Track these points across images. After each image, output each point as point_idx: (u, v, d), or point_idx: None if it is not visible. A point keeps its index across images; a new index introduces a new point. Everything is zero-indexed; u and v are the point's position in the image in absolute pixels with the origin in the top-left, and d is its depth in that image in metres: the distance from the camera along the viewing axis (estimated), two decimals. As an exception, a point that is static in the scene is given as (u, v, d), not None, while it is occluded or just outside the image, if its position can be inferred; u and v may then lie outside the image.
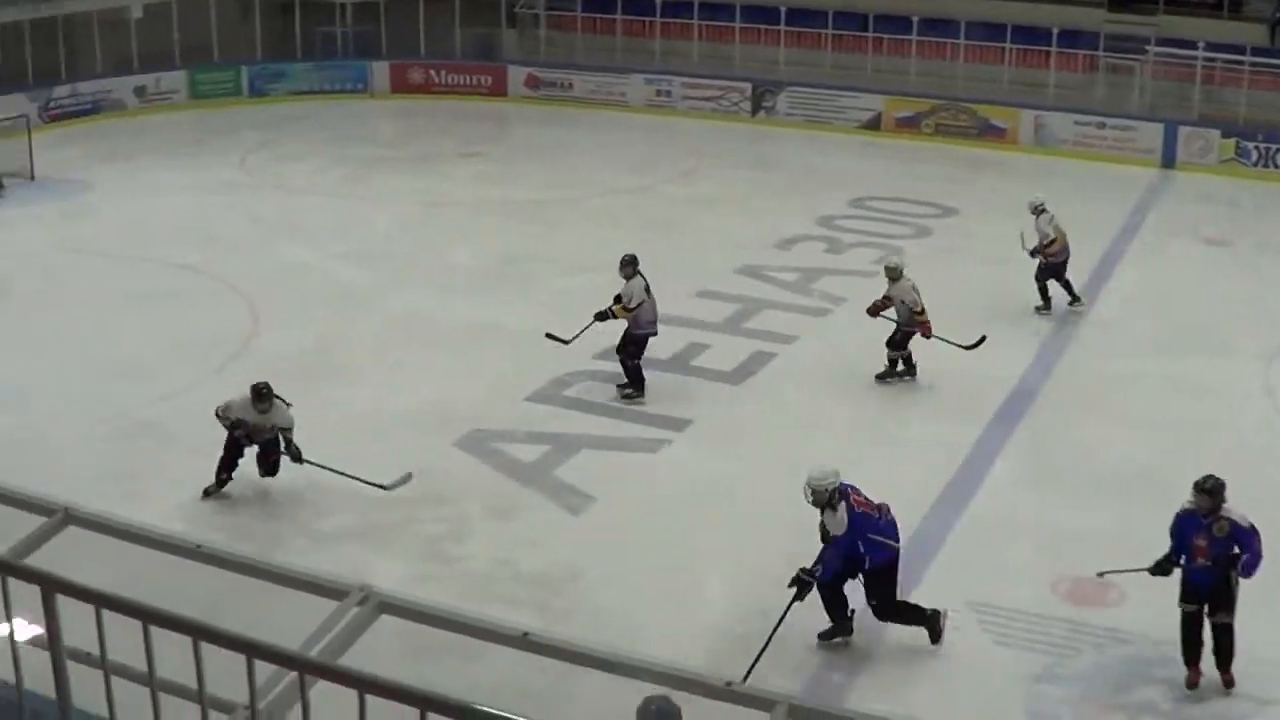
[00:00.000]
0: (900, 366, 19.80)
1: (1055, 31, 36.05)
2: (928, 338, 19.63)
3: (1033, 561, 14.86)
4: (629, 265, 19.00)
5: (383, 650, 5.79)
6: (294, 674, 4.68)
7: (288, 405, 15.99)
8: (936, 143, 35.45)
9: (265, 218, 28.85)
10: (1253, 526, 12.20)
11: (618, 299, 18.94)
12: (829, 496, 12.80)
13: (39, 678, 5.53)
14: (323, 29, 41.89)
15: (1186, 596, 12.46)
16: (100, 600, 4.80)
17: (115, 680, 5.22)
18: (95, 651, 5.37)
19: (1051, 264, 22.48)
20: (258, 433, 16.00)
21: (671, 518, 15.80)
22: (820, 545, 12.97)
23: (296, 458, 15.91)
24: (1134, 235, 27.95)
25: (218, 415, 16.01)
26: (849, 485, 12.97)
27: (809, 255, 25.98)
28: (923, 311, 19.45)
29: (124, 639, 5.05)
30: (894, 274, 19.59)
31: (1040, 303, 22.67)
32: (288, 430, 15.92)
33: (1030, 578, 14.48)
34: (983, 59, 36.74)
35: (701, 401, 19.06)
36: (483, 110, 39.35)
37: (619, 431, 18.04)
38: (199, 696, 4.93)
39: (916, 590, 13.75)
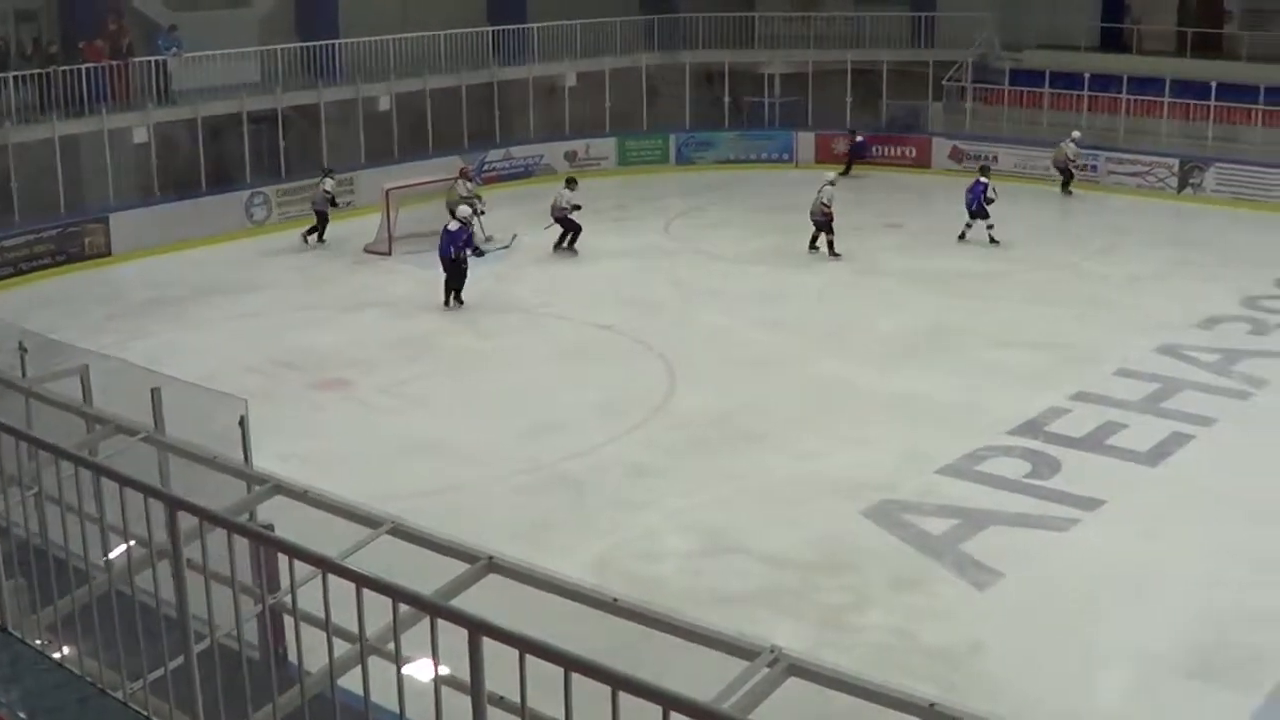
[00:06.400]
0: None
1: None
2: None
3: None
4: None
5: (786, 712, 5.93)
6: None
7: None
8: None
9: (687, 282, 29.64)
10: None
11: None
12: None
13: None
14: (750, 99, 42.73)
15: None
16: (524, 645, 5.03)
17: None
18: (506, 695, 5.65)
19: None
20: None
21: (1078, 598, 15.52)
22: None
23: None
24: None
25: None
26: None
27: (1232, 336, 25.07)
28: None
29: (532, 685, 5.31)
30: None
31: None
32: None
33: None
34: None
35: (1115, 481, 18.65)
36: (906, 182, 39.49)
37: (1029, 509, 17.81)
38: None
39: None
